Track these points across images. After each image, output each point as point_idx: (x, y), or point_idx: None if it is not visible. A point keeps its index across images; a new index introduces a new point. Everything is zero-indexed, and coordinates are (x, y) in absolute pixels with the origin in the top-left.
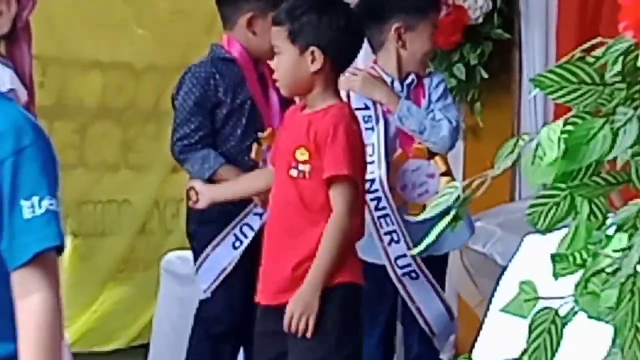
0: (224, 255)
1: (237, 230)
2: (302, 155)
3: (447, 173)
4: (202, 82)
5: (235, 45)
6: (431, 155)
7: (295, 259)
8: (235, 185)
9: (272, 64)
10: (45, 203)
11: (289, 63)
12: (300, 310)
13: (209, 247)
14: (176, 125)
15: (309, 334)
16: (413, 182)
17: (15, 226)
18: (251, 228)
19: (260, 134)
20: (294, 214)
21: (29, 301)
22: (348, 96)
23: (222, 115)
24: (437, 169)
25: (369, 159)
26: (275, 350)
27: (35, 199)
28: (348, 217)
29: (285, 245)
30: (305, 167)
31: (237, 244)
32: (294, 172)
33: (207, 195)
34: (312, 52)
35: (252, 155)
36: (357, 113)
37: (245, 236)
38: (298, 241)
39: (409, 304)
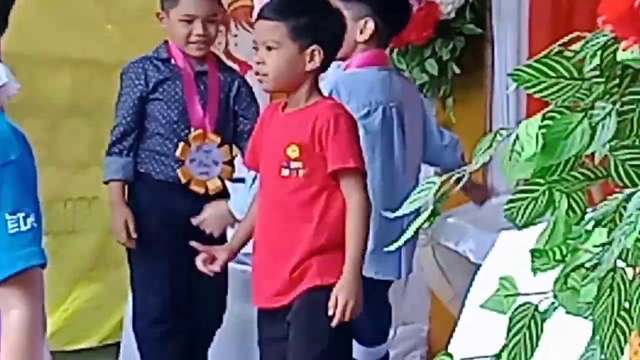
0: None
1: None
2: (293, 152)
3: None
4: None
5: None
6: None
7: (293, 260)
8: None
9: (259, 57)
10: (30, 220)
11: (286, 59)
12: (344, 296)
13: None
14: None
15: (347, 318)
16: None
17: None
18: None
19: (190, 134)
20: (287, 214)
21: (8, 317)
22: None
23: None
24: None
25: None
26: (279, 356)
27: (21, 214)
28: (366, 203)
29: (281, 246)
30: (297, 164)
31: None
32: (285, 172)
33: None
34: (313, 51)
35: (178, 153)
36: None
37: None
38: (294, 241)
39: None
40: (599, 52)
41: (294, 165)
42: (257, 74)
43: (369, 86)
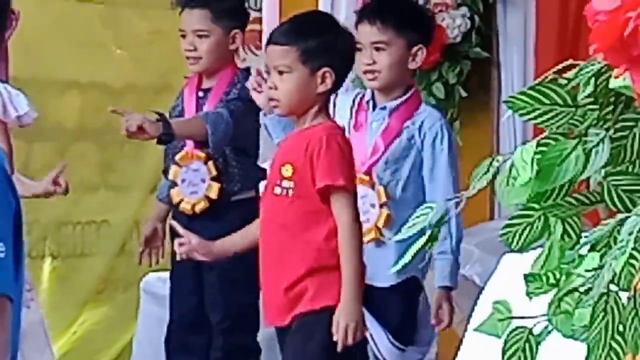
0: None
1: None
2: (286, 171)
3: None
4: None
5: None
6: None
7: (287, 280)
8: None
9: (271, 82)
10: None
11: (297, 83)
12: (344, 321)
13: None
14: None
15: (350, 341)
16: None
17: None
18: None
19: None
20: (279, 233)
21: None
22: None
23: None
24: (379, 199)
25: None
26: None
27: None
28: (356, 224)
29: (276, 266)
30: (289, 184)
31: None
32: (277, 190)
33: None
34: (324, 73)
35: (170, 176)
36: None
37: None
38: (287, 262)
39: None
40: (592, 80)
41: (285, 184)
42: (271, 99)
43: None
